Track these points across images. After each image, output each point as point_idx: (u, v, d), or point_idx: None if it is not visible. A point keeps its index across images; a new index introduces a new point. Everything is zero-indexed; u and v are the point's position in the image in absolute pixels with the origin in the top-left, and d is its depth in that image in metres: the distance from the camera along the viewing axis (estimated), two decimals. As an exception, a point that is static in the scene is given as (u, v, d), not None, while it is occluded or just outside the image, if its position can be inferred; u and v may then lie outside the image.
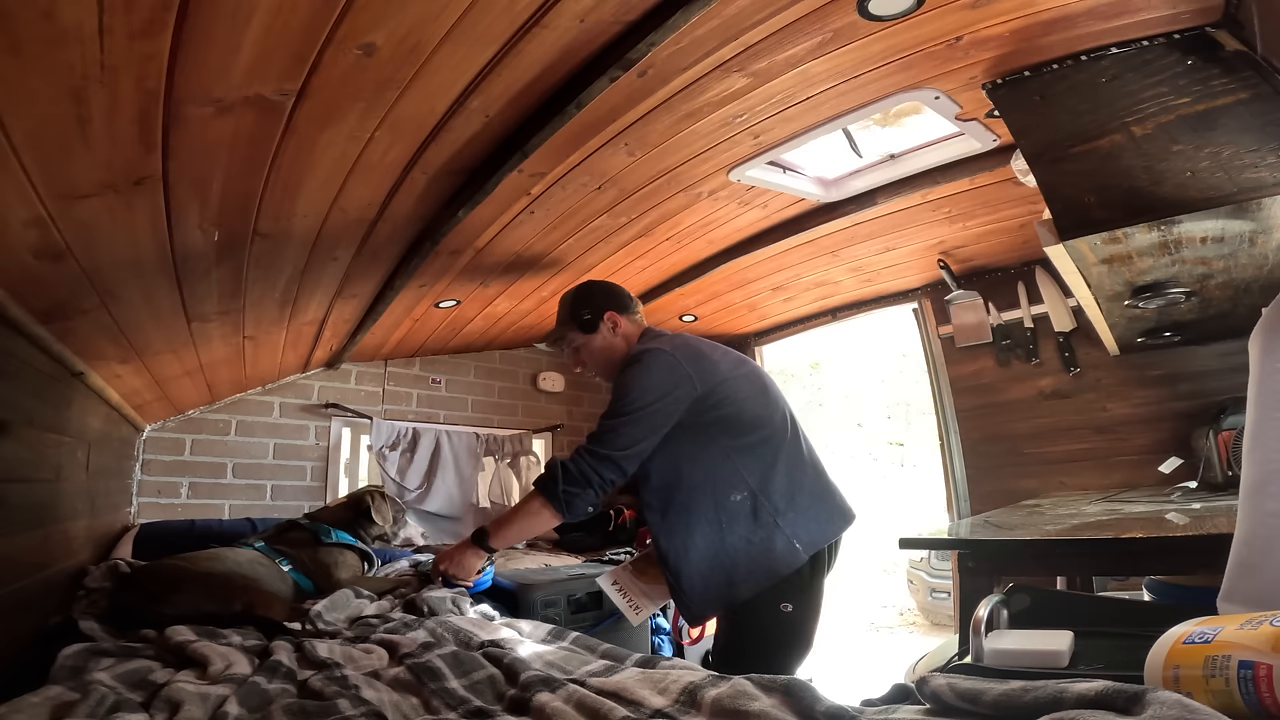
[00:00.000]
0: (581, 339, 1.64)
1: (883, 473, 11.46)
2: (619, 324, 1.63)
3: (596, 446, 1.42)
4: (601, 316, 1.62)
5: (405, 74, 1.08)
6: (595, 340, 1.63)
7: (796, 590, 1.45)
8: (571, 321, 1.64)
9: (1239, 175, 1.30)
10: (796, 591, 1.45)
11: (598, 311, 1.62)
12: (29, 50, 0.75)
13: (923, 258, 2.73)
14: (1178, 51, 1.34)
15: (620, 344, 1.63)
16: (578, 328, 1.63)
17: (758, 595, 1.42)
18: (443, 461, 3.21)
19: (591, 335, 1.63)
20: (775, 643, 1.46)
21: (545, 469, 1.44)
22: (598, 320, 1.62)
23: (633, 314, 1.67)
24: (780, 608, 1.44)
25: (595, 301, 1.64)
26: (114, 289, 1.45)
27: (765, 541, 1.41)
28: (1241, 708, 0.54)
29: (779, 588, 1.43)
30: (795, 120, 1.61)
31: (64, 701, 0.95)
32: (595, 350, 1.63)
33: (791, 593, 1.45)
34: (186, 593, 1.48)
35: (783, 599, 1.44)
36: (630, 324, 1.65)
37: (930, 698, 0.73)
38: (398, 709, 1.03)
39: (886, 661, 4.37)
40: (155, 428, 2.59)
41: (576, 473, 1.40)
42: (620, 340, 1.63)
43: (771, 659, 1.44)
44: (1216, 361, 2.29)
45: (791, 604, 1.44)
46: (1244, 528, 0.76)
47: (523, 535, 1.48)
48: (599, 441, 1.42)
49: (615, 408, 1.44)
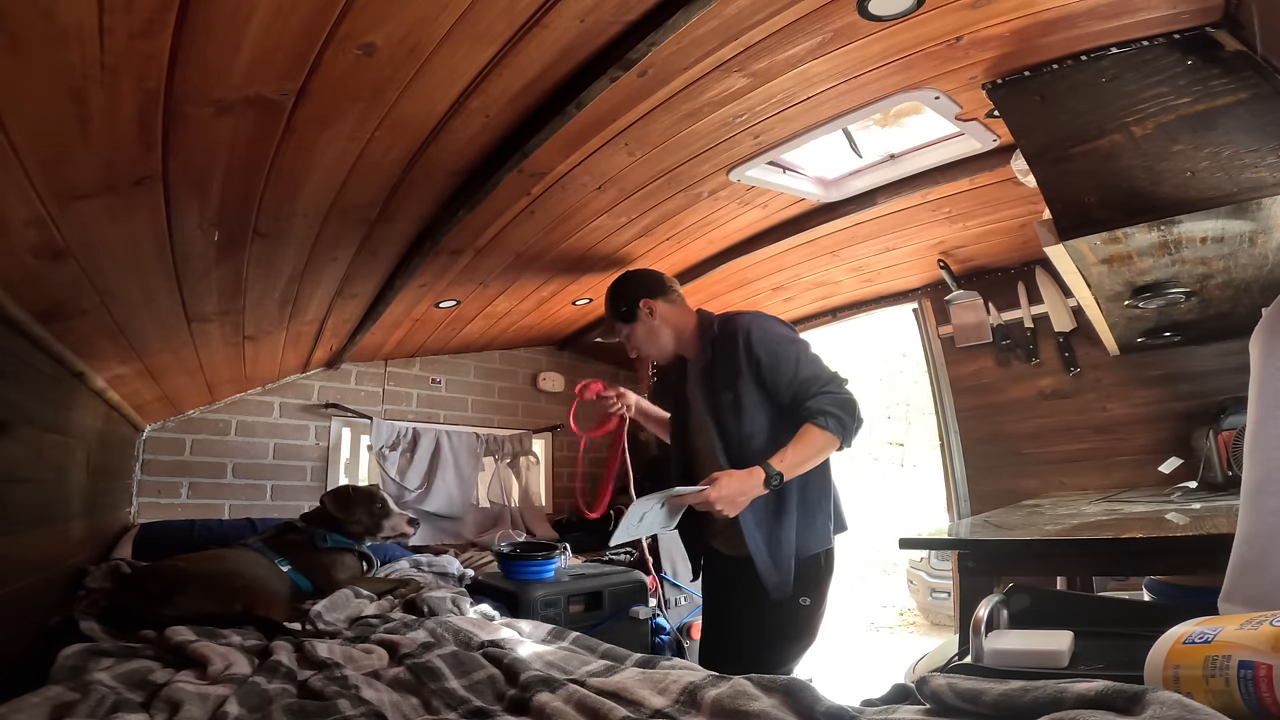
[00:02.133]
0: (626, 329, 1.74)
1: (883, 473, 11.47)
2: (655, 309, 1.71)
3: (846, 391, 1.51)
4: (637, 305, 1.70)
5: (405, 74, 1.08)
6: (638, 328, 1.72)
7: (814, 585, 1.55)
8: (613, 315, 1.75)
9: (1239, 175, 1.30)
10: (813, 586, 1.54)
11: (633, 301, 1.71)
12: (29, 50, 0.75)
13: (923, 258, 2.72)
14: (1178, 51, 1.33)
15: (662, 326, 1.71)
16: (619, 319, 1.73)
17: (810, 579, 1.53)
18: (443, 461, 3.21)
19: (634, 324, 1.72)
20: (790, 635, 1.55)
21: (831, 410, 1.46)
22: (635, 309, 1.71)
23: (669, 296, 1.74)
24: (799, 601, 1.52)
25: (628, 292, 1.73)
26: (114, 289, 1.45)
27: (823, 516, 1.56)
28: (1241, 708, 0.54)
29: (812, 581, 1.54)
30: (795, 120, 1.61)
31: (64, 701, 0.95)
32: (640, 337, 1.72)
33: (809, 587, 1.54)
34: (187, 593, 1.48)
35: (802, 592, 1.52)
36: (668, 306, 1.72)
37: (930, 698, 0.73)
38: (398, 709, 1.04)
39: (886, 661, 4.37)
40: (155, 428, 2.59)
41: (856, 407, 1.50)
42: (660, 323, 1.71)
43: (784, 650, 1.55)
44: (1216, 361, 2.28)
45: (810, 598, 1.54)
46: (1245, 527, 0.75)
47: (809, 466, 1.50)
48: (841, 386, 1.52)
49: (816, 368, 1.54)
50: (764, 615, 1.54)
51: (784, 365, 1.54)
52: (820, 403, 1.47)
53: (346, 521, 2.05)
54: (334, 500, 2.08)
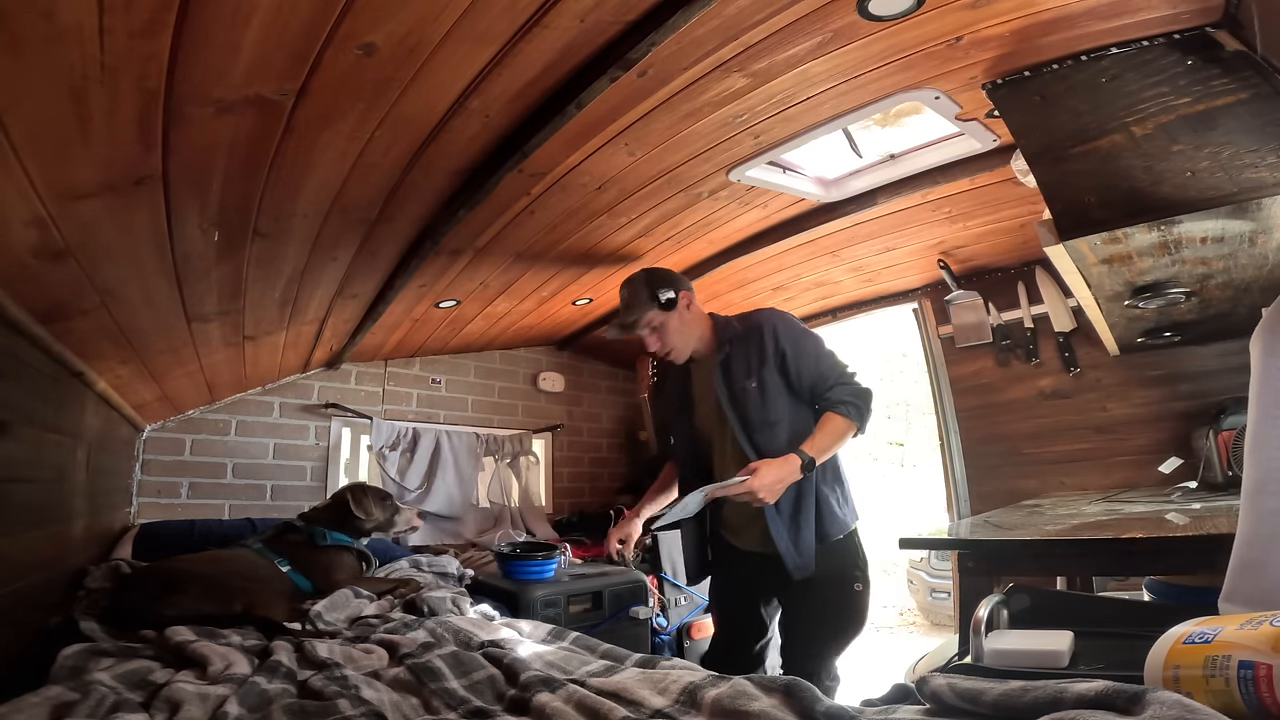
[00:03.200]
0: (662, 318, 1.70)
1: (883, 473, 11.46)
2: (692, 303, 1.74)
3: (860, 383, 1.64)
4: (679, 295, 1.71)
5: (405, 74, 1.08)
6: (673, 319, 1.71)
7: (860, 568, 1.65)
8: (652, 302, 1.69)
9: (1239, 175, 1.30)
10: (860, 570, 1.65)
11: (677, 291, 1.71)
12: (29, 50, 0.75)
13: (923, 258, 2.72)
14: (1178, 51, 1.33)
15: (694, 321, 1.74)
16: (659, 307, 1.69)
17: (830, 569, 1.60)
18: (443, 461, 3.21)
19: (671, 314, 1.71)
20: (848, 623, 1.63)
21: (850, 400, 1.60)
22: (677, 298, 1.71)
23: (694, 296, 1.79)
24: (854, 587, 1.62)
25: (671, 282, 1.73)
26: (114, 289, 1.45)
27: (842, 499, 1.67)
28: (1241, 708, 0.54)
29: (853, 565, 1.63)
30: (795, 120, 1.61)
31: (64, 701, 0.95)
32: (673, 329, 1.71)
33: (857, 570, 1.64)
34: (187, 593, 1.48)
35: (854, 578, 1.63)
36: (697, 305, 1.77)
37: (930, 698, 0.73)
38: (398, 709, 1.04)
39: (886, 661, 4.37)
40: (155, 428, 2.59)
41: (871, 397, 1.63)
42: (693, 318, 1.74)
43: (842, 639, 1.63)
44: (1216, 361, 2.28)
45: (861, 584, 1.64)
46: (1246, 527, 0.75)
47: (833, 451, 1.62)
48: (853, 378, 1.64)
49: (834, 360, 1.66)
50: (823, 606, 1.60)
51: (806, 357, 1.64)
52: (839, 393, 1.60)
53: (364, 518, 2.07)
54: (353, 496, 2.10)
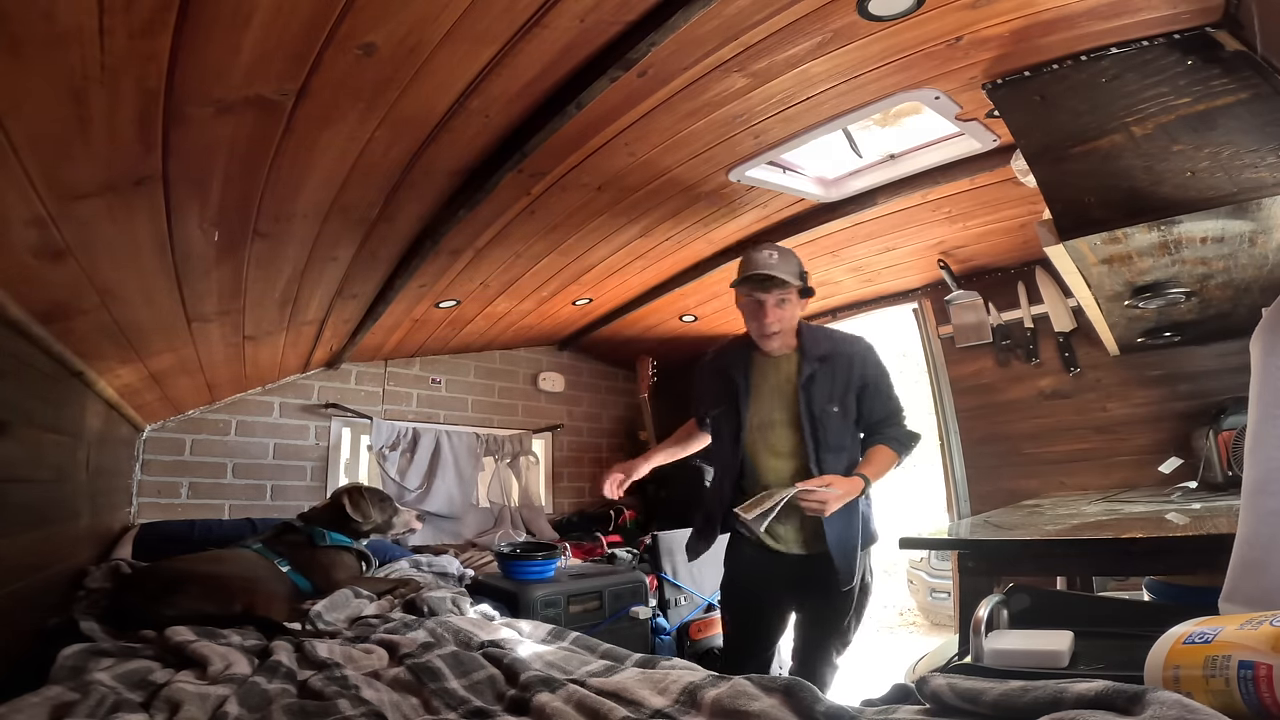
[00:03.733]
0: (794, 299, 1.74)
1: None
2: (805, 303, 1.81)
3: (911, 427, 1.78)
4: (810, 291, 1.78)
5: (405, 74, 1.08)
6: (798, 307, 1.76)
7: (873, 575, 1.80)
8: (800, 280, 1.73)
9: (1239, 175, 1.30)
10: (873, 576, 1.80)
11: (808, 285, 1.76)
12: (29, 50, 0.75)
13: (923, 258, 2.72)
14: (1178, 51, 1.33)
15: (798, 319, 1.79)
16: (799, 291, 1.73)
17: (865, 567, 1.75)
18: (443, 461, 3.21)
19: (801, 301, 1.77)
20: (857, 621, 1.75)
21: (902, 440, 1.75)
22: (809, 293, 1.78)
23: None
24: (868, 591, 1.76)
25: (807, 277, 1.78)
26: (114, 289, 1.45)
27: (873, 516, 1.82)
28: (1241, 708, 0.54)
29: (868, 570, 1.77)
30: (795, 120, 1.61)
31: (64, 701, 0.95)
32: (791, 315, 1.74)
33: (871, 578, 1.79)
34: (187, 593, 1.48)
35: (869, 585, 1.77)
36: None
37: (930, 698, 0.73)
38: (398, 709, 1.03)
39: (886, 661, 4.37)
40: (155, 428, 2.59)
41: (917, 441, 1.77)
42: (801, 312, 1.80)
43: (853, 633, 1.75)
44: (1216, 361, 2.28)
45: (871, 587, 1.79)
46: (1246, 527, 0.75)
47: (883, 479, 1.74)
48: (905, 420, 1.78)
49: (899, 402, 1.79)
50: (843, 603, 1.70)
51: (883, 393, 1.75)
52: (896, 431, 1.75)
53: (360, 521, 2.06)
54: (350, 499, 2.08)
